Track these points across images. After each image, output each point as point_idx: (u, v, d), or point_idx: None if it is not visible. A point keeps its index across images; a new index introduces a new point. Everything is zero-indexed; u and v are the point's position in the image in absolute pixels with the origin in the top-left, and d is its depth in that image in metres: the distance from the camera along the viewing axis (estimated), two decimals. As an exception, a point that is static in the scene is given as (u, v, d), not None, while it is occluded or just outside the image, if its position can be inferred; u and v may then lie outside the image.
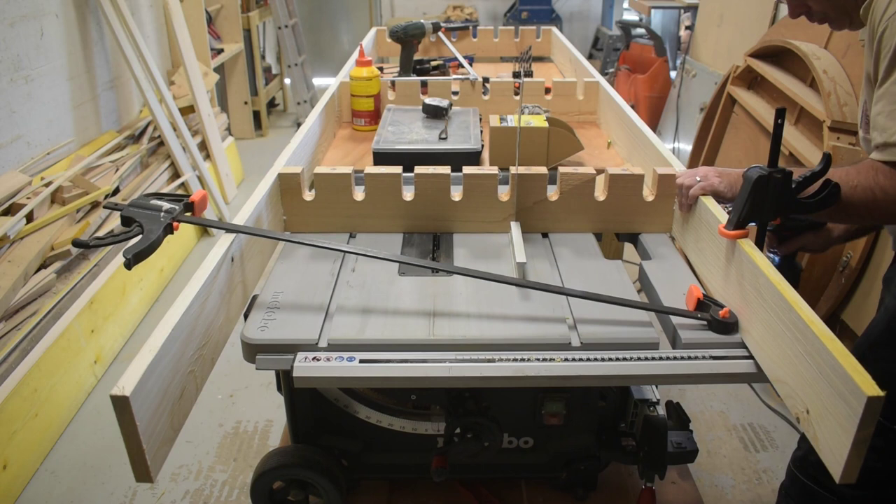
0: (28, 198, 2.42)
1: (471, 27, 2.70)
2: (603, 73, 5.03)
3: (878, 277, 1.99)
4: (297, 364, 0.91)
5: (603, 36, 5.81)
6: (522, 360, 0.91)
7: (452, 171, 1.21)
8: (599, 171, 1.23)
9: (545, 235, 1.27)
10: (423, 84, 1.88)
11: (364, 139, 1.76)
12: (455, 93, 1.89)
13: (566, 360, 0.92)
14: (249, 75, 5.00)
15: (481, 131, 1.63)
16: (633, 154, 1.52)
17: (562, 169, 1.21)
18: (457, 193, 1.23)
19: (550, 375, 0.90)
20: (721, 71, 3.23)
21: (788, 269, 1.22)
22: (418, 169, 1.20)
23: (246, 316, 1.03)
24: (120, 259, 0.89)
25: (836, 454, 0.74)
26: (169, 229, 0.99)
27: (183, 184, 3.34)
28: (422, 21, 2.20)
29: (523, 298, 1.05)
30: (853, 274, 2.04)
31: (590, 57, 5.91)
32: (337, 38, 6.71)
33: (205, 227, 2.57)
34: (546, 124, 1.49)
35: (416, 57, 2.31)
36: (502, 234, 1.26)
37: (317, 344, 0.94)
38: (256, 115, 5.18)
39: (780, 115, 0.97)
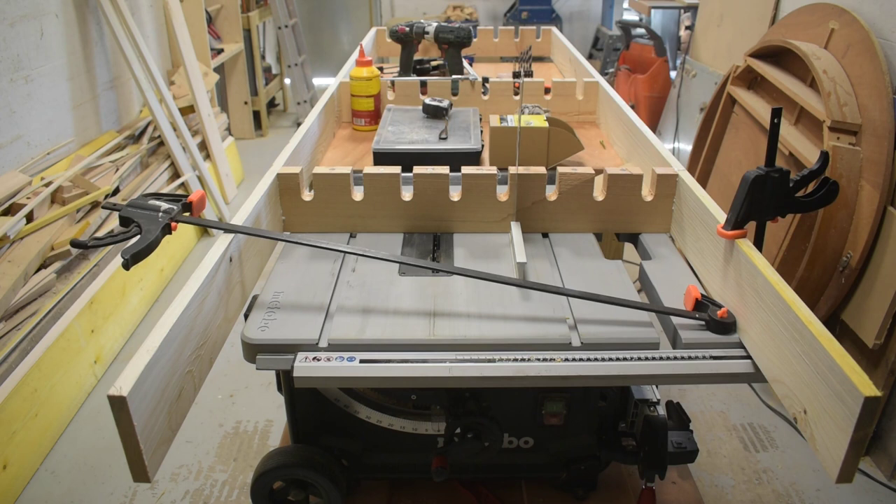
0: (28, 198, 2.43)
1: (471, 27, 2.70)
2: (603, 73, 5.03)
3: (878, 277, 1.99)
4: (298, 364, 0.91)
5: (603, 36, 5.81)
6: (522, 360, 0.91)
7: (452, 171, 1.22)
8: (598, 171, 1.24)
9: (545, 235, 1.27)
10: (423, 84, 1.88)
11: (364, 139, 1.76)
12: (455, 93, 1.89)
13: (566, 360, 0.92)
14: (249, 75, 5.01)
15: (481, 131, 1.63)
16: (633, 154, 1.52)
17: (560, 169, 1.21)
18: (455, 193, 1.23)
19: (550, 375, 0.91)
20: (721, 71, 3.23)
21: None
22: (417, 169, 1.20)
23: (246, 316, 1.03)
24: (120, 259, 0.89)
25: (833, 454, 0.74)
26: (167, 229, 0.99)
27: (183, 184, 3.34)
28: (422, 21, 2.20)
29: (523, 298, 1.05)
30: (853, 274, 2.04)
31: (590, 57, 5.91)
32: (337, 38, 6.71)
33: (205, 228, 2.57)
34: (546, 124, 1.49)
35: (416, 57, 2.31)
36: (502, 234, 1.26)
37: (317, 344, 0.94)
38: (256, 115, 5.18)
39: (776, 114, 0.97)
